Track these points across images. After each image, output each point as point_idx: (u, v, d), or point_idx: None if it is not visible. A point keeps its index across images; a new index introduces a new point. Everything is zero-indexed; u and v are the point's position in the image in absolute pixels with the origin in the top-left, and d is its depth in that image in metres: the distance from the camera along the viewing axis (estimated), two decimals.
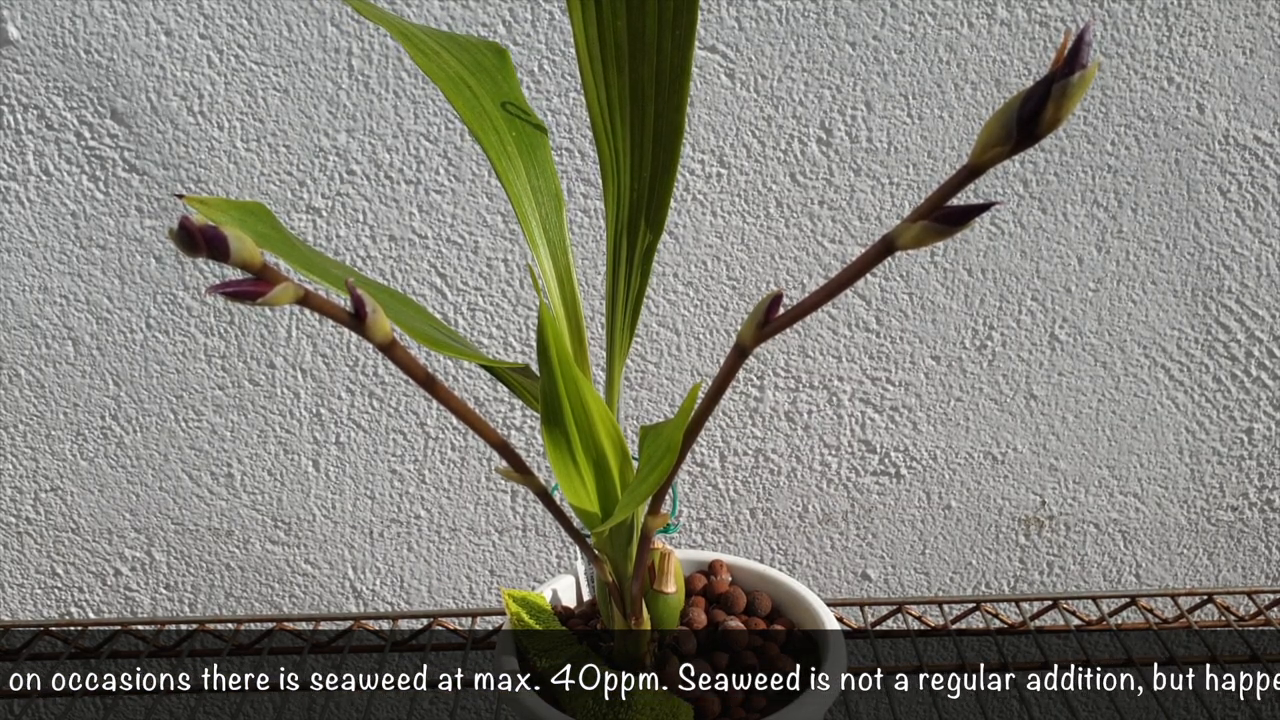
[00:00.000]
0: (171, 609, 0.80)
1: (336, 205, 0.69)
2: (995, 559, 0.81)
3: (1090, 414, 0.76)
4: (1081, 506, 0.79)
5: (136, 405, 0.74)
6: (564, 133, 0.68)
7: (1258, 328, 0.74)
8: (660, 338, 0.73)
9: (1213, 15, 0.67)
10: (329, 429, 0.75)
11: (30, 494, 0.77)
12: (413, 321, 0.39)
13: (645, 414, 0.75)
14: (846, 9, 0.66)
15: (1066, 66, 0.27)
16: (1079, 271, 0.72)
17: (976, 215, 0.30)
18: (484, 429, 0.39)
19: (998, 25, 0.67)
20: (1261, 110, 0.69)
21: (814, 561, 0.80)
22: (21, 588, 0.80)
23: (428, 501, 0.77)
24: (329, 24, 0.66)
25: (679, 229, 0.70)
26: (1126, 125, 0.69)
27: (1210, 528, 0.80)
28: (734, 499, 0.78)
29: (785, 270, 0.72)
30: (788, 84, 0.68)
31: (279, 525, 0.78)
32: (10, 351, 0.73)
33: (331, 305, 0.32)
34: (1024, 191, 0.70)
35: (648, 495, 0.39)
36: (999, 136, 0.29)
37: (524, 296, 0.72)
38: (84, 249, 0.70)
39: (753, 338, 0.36)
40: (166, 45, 0.66)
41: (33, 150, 0.68)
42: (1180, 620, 0.67)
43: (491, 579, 0.80)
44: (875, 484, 0.78)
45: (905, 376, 0.75)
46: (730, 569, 0.54)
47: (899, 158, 0.69)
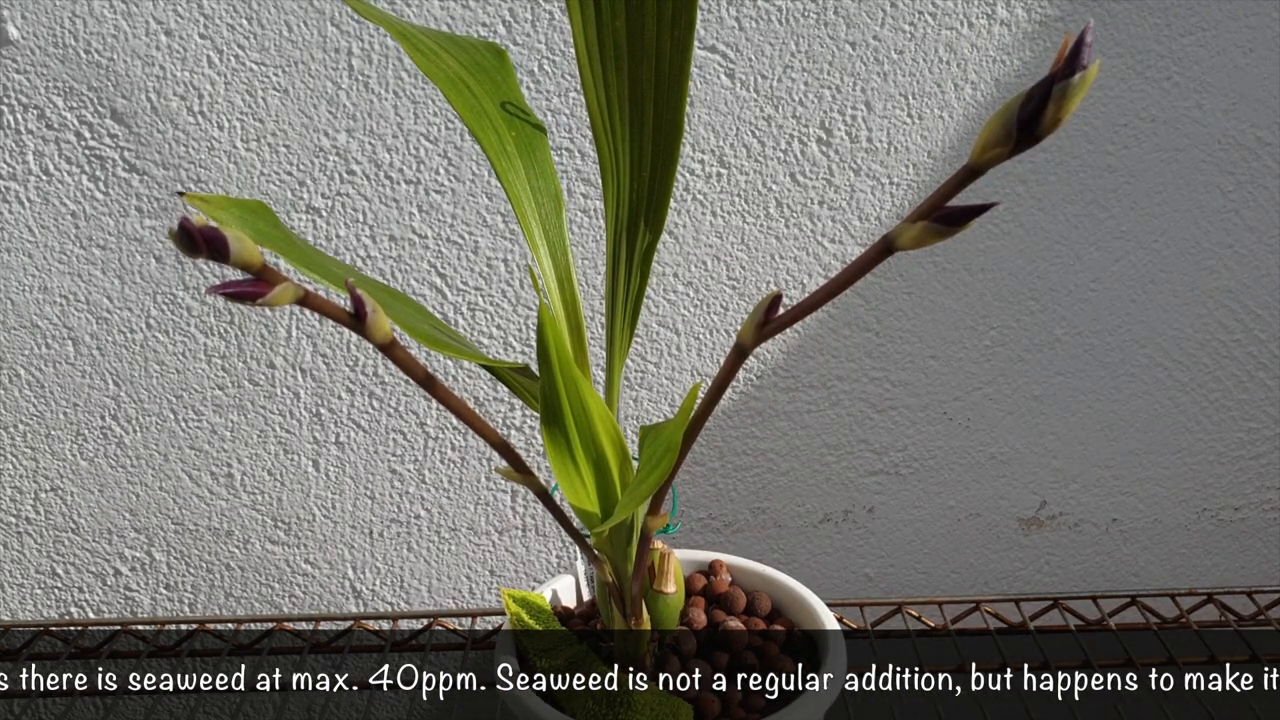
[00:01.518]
0: (171, 609, 0.80)
1: (336, 205, 0.69)
2: (995, 559, 0.81)
3: (1090, 414, 0.76)
4: (1081, 506, 0.79)
5: (136, 405, 0.74)
6: (564, 133, 0.68)
7: (1258, 328, 0.74)
8: (660, 338, 0.73)
9: (1212, 15, 0.67)
10: (329, 429, 0.75)
11: (30, 494, 0.77)
12: (413, 321, 0.39)
13: (645, 414, 0.75)
14: (846, 9, 0.66)
15: (1067, 67, 0.27)
16: (1079, 271, 0.72)
17: (976, 215, 0.30)
18: (484, 429, 0.39)
19: (998, 25, 0.67)
20: (1261, 110, 0.69)
21: (814, 561, 0.80)
22: (21, 588, 0.80)
23: (428, 501, 0.77)
24: (329, 24, 0.66)
25: (679, 229, 0.70)
26: (1126, 125, 0.69)
27: (1210, 527, 0.80)
28: (734, 499, 0.78)
29: (785, 270, 0.72)
30: (788, 84, 0.68)
31: (279, 525, 0.78)
32: (10, 351, 0.73)
33: (331, 305, 0.32)
34: (1024, 191, 0.70)
35: (648, 495, 0.39)
36: (999, 137, 0.29)
37: (524, 296, 0.72)
38: (84, 249, 0.70)
39: (753, 338, 0.36)
40: (166, 45, 0.66)
41: (33, 150, 0.68)
42: (1180, 620, 0.67)
43: (491, 579, 0.80)
44: (875, 484, 0.78)
45: (905, 376, 0.75)
46: (730, 569, 0.54)
47: (899, 158, 0.69)
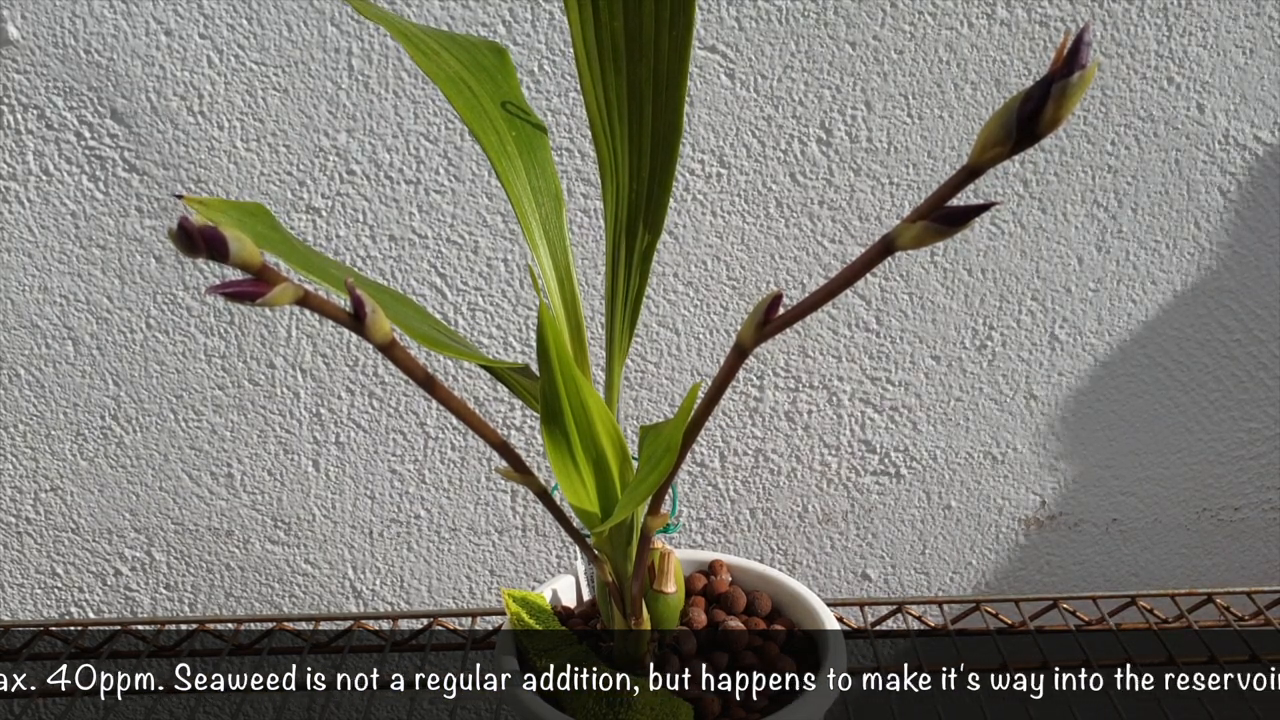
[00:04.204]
0: (171, 609, 0.80)
1: (336, 205, 0.69)
2: (995, 559, 0.81)
3: (1090, 414, 0.76)
4: (1081, 506, 0.79)
5: (136, 405, 0.74)
6: (564, 133, 0.68)
7: (1258, 328, 0.74)
8: (660, 338, 0.73)
9: (1213, 15, 0.67)
10: (329, 429, 0.75)
11: (30, 494, 0.77)
12: (413, 321, 0.39)
13: (645, 414, 0.75)
14: (846, 9, 0.66)
15: (1066, 67, 0.27)
16: (1079, 271, 0.72)
17: (976, 215, 0.30)
18: (484, 429, 0.39)
19: (998, 25, 0.67)
20: (1261, 110, 0.69)
21: (814, 561, 0.80)
22: (21, 588, 0.80)
23: (428, 501, 0.77)
24: (329, 24, 0.66)
25: (679, 229, 0.70)
26: (1126, 125, 0.69)
27: (1210, 527, 0.80)
28: (734, 499, 0.78)
29: (785, 270, 0.72)
30: (788, 84, 0.68)
31: (279, 525, 0.78)
32: (10, 351, 0.73)
33: (331, 305, 0.32)
34: (1024, 191, 0.70)
35: (647, 495, 0.39)
36: (999, 136, 0.29)
37: (524, 296, 0.72)
38: (84, 249, 0.70)
39: (753, 338, 0.36)
40: (166, 45, 0.66)
41: (33, 150, 0.68)
42: (1180, 620, 0.67)
43: (491, 579, 0.80)
44: (875, 484, 0.78)
45: (905, 376, 0.75)
46: (730, 569, 0.54)
47: (899, 158, 0.69)
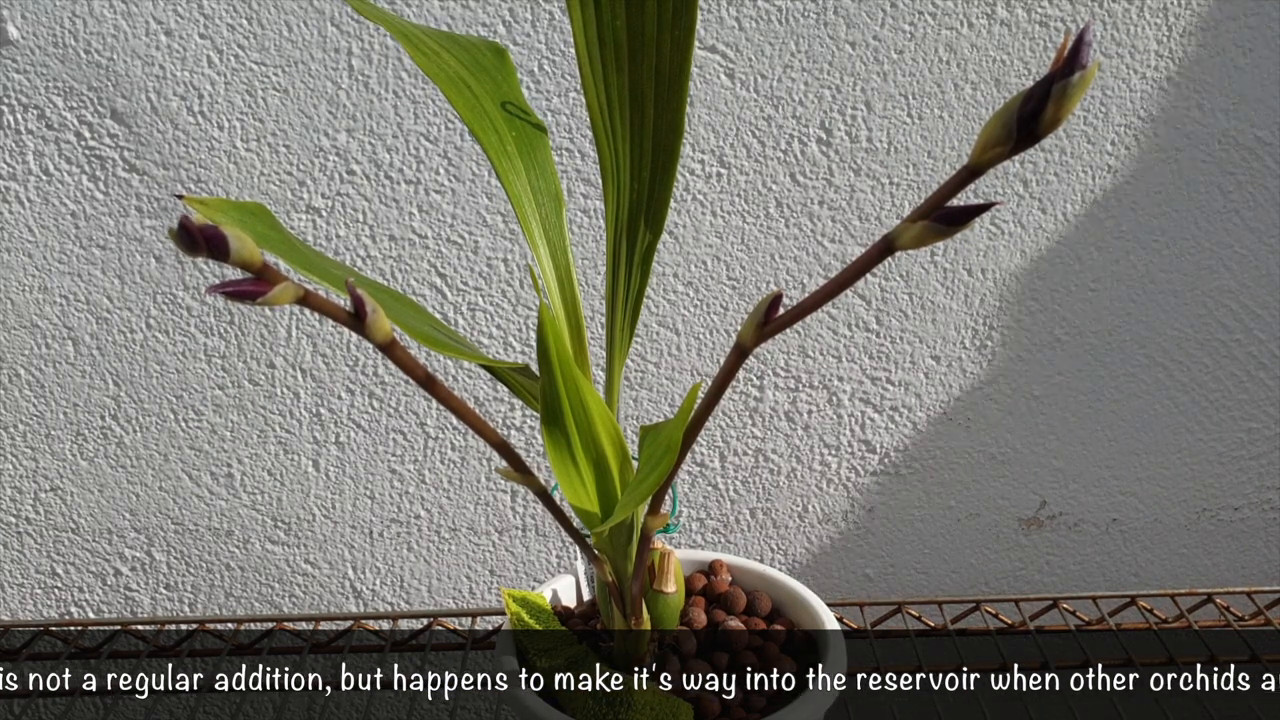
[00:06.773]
0: (171, 609, 0.80)
1: (336, 205, 0.69)
2: (995, 559, 0.81)
3: (1090, 414, 0.76)
4: (1081, 506, 0.79)
5: (136, 405, 0.74)
6: (564, 133, 0.68)
7: (1258, 328, 0.74)
8: (660, 338, 0.73)
9: (1212, 15, 0.67)
10: (329, 429, 0.75)
11: (30, 494, 0.77)
12: (413, 321, 0.39)
13: (645, 414, 0.75)
14: (846, 9, 0.66)
15: (1066, 67, 0.27)
16: (1079, 271, 0.72)
17: (976, 215, 0.30)
18: (484, 429, 0.39)
19: (998, 25, 0.67)
20: (1261, 109, 0.69)
21: (814, 561, 0.80)
22: (21, 588, 0.80)
23: (428, 501, 0.77)
24: (329, 24, 0.66)
25: (679, 229, 0.70)
26: (1126, 125, 0.69)
27: (1210, 527, 0.80)
28: (734, 499, 0.78)
29: (785, 270, 0.72)
30: (788, 84, 0.68)
31: (279, 525, 0.78)
32: (10, 351, 0.73)
33: (331, 305, 0.32)
34: (1024, 191, 0.70)
35: (647, 495, 0.39)
36: (999, 136, 0.29)
37: (524, 296, 0.72)
38: (84, 249, 0.70)
39: (753, 338, 0.36)
40: (166, 45, 0.66)
41: (33, 150, 0.68)
42: (1180, 620, 0.67)
43: (491, 579, 0.80)
44: (875, 484, 0.78)
45: (905, 376, 0.75)
46: (730, 569, 0.54)
47: (899, 158, 0.69)
